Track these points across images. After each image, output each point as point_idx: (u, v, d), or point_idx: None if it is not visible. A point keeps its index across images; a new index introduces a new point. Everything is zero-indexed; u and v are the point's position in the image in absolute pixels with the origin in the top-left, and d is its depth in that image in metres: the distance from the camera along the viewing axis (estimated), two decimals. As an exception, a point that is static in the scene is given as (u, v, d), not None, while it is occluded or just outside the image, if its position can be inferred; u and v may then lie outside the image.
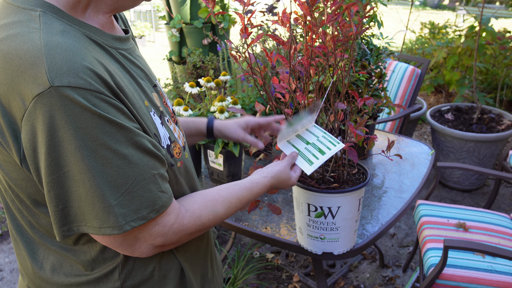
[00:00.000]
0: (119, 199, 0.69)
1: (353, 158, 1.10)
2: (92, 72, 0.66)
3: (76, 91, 0.64)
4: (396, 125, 3.15)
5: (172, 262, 0.88)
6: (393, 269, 2.49)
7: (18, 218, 0.83)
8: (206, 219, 0.84)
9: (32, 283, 0.87)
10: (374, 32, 1.99)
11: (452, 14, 10.61)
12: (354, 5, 1.04)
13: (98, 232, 0.70)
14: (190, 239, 0.84)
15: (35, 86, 0.63)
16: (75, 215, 0.70)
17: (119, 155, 0.69)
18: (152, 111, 0.81)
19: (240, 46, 1.17)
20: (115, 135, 0.68)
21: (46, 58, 0.64)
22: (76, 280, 0.82)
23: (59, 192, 0.69)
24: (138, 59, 0.87)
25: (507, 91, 4.14)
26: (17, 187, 0.76)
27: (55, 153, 0.66)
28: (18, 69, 0.64)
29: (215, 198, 0.87)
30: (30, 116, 0.65)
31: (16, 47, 0.65)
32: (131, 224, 0.71)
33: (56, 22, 0.70)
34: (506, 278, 1.66)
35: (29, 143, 0.67)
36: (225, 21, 3.96)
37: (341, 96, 1.20)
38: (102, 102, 0.67)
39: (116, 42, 0.80)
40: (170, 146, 0.84)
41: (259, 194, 0.97)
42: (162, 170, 0.77)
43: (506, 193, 3.24)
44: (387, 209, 1.60)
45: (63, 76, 0.64)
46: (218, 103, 1.75)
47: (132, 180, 0.70)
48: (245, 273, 2.30)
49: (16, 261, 2.63)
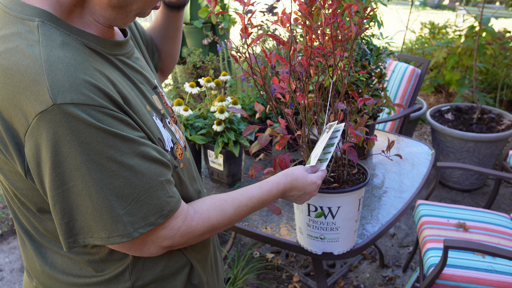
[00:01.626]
0: (127, 208, 0.70)
1: (353, 158, 1.10)
2: (94, 87, 0.66)
3: (79, 107, 0.64)
4: (396, 125, 3.15)
5: (182, 259, 0.89)
6: (393, 269, 2.49)
7: (25, 224, 0.83)
8: (214, 220, 0.83)
9: (41, 284, 0.86)
10: (374, 32, 1.99)
11: (452, 14, 10.60)
12: (353, 5, 1.04)
13: (106, 242, 0.71)
14: (199, 241, 0.84)
15: (38, 104, 0.63)
16: (81, 228, 0.70)
17: (125, 166, 0.69)
18: (154, 115, 0.82)
19: (240, 46, 1.17)
20: (120, 148, 0.68)
21: (48, 74, 0.63)
22: (86, 281, 0.83)
23: (64, 206, 0.69)
24: (137, 62, 0.87)
25: (507, 91, 4.14)
26: (23, 196, 0.76)
27: (59, 168, 0.66)
28: (20, 85, 0.64)
29: (223, 198, 0.87)
30: (34, 132, 0.64)
31: (17, 62, 0.64)
32: (139, 231, 0.71)
33: (55, 33, 0.69)
34: (506, 278, 1.66)
35: (33, 158, 0.66)
36: (225, 21, 3.96)
37: (341, 96, 1.20)
38: (106, 116, 0.67)
39: (114, 48, 0.79)
40: (173, 148, 0.85)
41: (271, 192, 0.94)
42: (168, 175, 0.77)
43: (506, 193, 3.24)
44: (387, 209, 1.60)
45: (66, 93, 0.63)
46: (218, 103, 1.75)
47: (140, 189, 0.71)
48: (245, 273, 2.30)
49: (16, 261, 2.63)
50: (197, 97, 2.29)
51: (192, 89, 1.93)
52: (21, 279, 2.49)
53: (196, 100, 2.21)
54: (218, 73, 3.41)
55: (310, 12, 1.03)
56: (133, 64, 0.84)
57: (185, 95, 2.16)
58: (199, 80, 1.94)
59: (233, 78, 2.37)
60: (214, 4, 1.00)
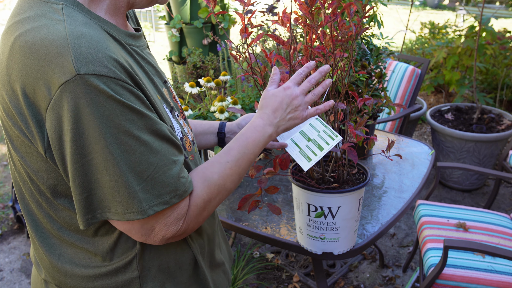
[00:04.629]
0: (142, 184, 0.71)
1: (353, 158, 1.10)
2: (115, 61, 0.68)
3: (100, 79, 0.66)
4: (396, 125, 3.15)
5: (188, 253, 0.90)
6: (393, 269, 2.49)
7: (35, 212, 0.83)
8: (204, 194, 0.80)
9: (50, 276, 0.87)
10: (374, 32, 1.99)
11: (452, 14, 10.60)
12: (353, 5, 1.04)
13: (122, 218, 0.72)
14: (199, 224, 0.82)
15: (62, 75, 0.65)
16: (99, 202, 0.71)
17: (141, 141, 0.70)
18: (164, 105, 0.83)
19: (240, 46, 1.17)
20: (136, 122, 0.70)
21: (72, 47, 0.66)
22: (95, 272, 0.83)
23: (84, 180, 0.70)
24: (149, 57, 0.90)
25: (507, 91, 4.14)
26: (38, 179, 0.77)
27: (80, 140, 0.67)
28: (45, 58, 0.66)
29: (204, 166, 0.84)
30: (56, 104, 0.66)
31: (42, 38, 0.67)
32: (154, 209, 0.72)
33: (78, 15, 0.72)
34: (506, 278, 1.66)
35: (55, 132, 0.68)
36: (225, 21, 3.96)
37: (341, 96, 1.20)
38: (124, 90, 0.69)
39: (130, 39, 0.82)
40: (182, 139, 0.86)
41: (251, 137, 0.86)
42: (181, 157, 0.78)
43: (506, 193, 3.24)
44: (387, 209, 1.60)
45: (89, 64, 0.66)
46: (218, 103, 1.75)
47: (154, 166, 0.72)
48: (245, 273, 2.31)
49: (16, 261, 2.63)
50: (197, 97, 2.29)
51: (192, 89, 1.93)
52: (21, 279, 2.50)
53: (196, 100, 2.21)
54: (218, 73, 3.41)
55: (310, 11, 1.03)
56: (146, 56, 0.87)
57: (185, 95, 2.16)
58: (199, 80, 1.94)
59: (233, 78, 2.38)
60: (213, 5, 1.01)
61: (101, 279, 0.83)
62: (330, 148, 1.04)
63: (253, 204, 1.10)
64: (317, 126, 1.10)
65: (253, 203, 1.10)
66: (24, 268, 2.58)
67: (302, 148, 1.08)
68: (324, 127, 1.09)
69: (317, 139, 1.08)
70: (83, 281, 0.84)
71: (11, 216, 3.05)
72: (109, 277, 0.83)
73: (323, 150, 1.05)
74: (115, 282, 0.83)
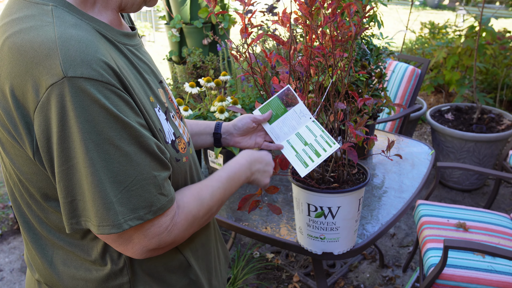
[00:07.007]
0: (118, 196, 0.69)
1: (353, 158, 1.10)
2: (105, 64, 0.68)
3: (88, 82, 0.65)
4: (396, 125, 3.15)
5: (178, 257, 0.89)
6: (393, 269, 2.49)
7: (26, 213, 0.83)
8: (195, 211, 0.82)
9: (42, 277, 0.87)
10: (374, 32, 1.99)
11: (452, 14, 10.60)
12: (353, 5, 1.04)
13: (97, 230, 0.70)
14: (186, 237, 0.83)
15: (49, 77, 0.65)
16: (83, 210, 0.71)
17: (122, 151, 0.69)
18: (157, 107, 0.82)
19: (240, 46, 1.17)
20: (120, 131, 0.69)
21: (61, 49, 0.65)
22: (86, 275, 0.83)
23: (68, 184, 0.69)
24: (145, 55, 0.89)
25: (507, 91, 4.14)
26: (27, 181, 0.77)
27: (65, 143, 0.67)
28: (33, 61, 0.66)
29: (198, 186, 0.87)
30: (43, 106, 0.66)
31: (31, 40, 0.67)
32: (129, 224, 0.70)
33: (68, 16, 0.71)
34: (506, 278, 1.66)
35: (42, 134, 0.67)
36: (225, 21, 3.96)
37: (341, 96, 1.20)
38: (113, 94, 0.68)
39: (124, 38, 0.81)
40: (175, 141, 0.85)
41: (235, 169, 0.96)
42: (164, 173, 0.76)
43: (506, 193, 3.24)
44: (387, 209, 1.60)
45: (77, 67, 0.65)
46: (218, 103, 1.75)
47: (132, 179, 0.70)
48: (245, 273, 2.31)
49: (16, 261, 2.63)
50: (197, 97, 2.29)
51: (192, 89, 1.93)
52: (21, 279, 2.50)
53: (196, 100, 2.21)
54: (218, 73, 3.41)
55: (310, 12, 1.03)
56: (141, 55, 0.86)
57: (185, 95, 2.16)
58: (199, 80, 1.94)
59: (233, 78, 2.38)
60: (213, 4, 1.01)
61: (91, 282, 0.83)
62: (327, 156, 1.05)
63: (253, 204, 1.10)
64: (314, 130, 1.10)
65: (253, 203, 1.10)
66: (24, 268, 2.58)
67: (299, 152, 1.08)
68: (321, 131, 1.09)
69: (314, 144, 1.08)
70: (75, 283, 0.83)
71: (11, 216, 3.05)
72: (100, 282, 0.83)
73: (320, 157, 1.05)
74: (106, 287, 0.83)
